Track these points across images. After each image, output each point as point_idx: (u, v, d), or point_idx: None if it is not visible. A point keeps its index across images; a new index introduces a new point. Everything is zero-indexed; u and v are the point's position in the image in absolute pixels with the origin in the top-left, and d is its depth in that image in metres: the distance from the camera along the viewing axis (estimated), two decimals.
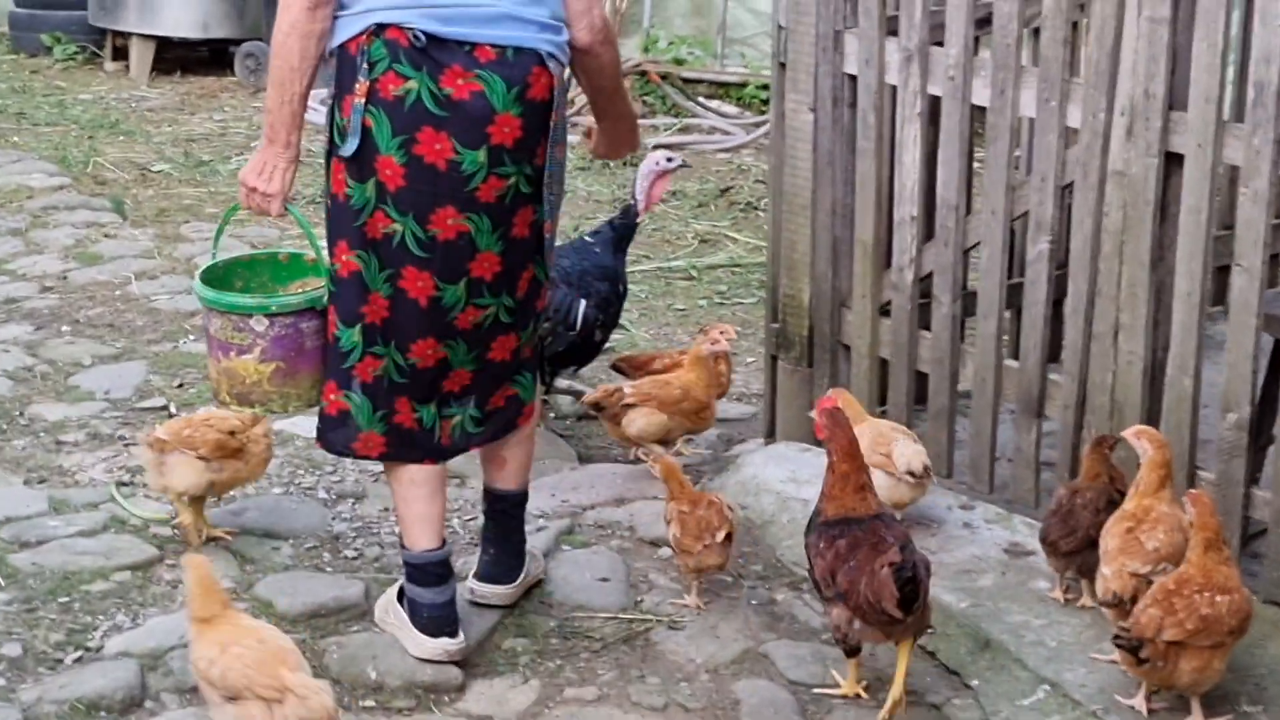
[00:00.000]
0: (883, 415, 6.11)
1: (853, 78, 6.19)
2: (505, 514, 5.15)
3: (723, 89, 13.04)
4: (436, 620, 4.83)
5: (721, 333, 6.30)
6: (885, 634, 4.63)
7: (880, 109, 6.10)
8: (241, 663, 4.16)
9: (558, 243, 5.14)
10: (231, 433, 5.45)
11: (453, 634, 4.85)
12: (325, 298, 4.74)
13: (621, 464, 6.62)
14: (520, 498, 5.15)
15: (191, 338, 7.94)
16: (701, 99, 12.83)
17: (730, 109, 12.96)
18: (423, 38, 4.41)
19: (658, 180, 6.41)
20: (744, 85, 12.90)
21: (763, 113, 12.72)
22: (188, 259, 9.16)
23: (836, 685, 4.95)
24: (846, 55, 6.17)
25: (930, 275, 6.09)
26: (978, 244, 5.97)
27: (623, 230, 6.49)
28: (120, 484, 6.33)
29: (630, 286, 6.89)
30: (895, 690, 4.68)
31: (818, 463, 5.24)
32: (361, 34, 4.43)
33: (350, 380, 4.73)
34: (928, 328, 6.12)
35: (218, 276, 5.00)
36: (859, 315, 6.29)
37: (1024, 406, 5.83)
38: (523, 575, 5.23)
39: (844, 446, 4.76)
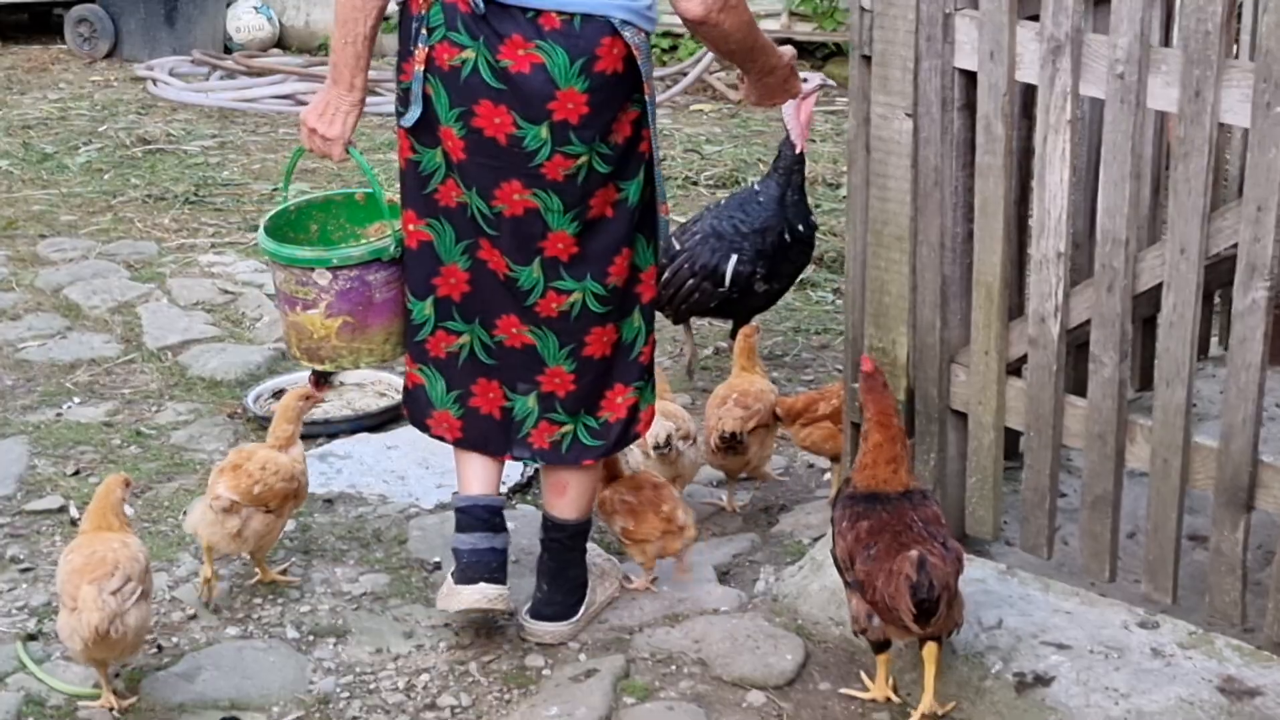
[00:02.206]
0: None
1: (969, 74, 4.67)
2: (562, 545, 4.65)
3: None
4: (475, 566, 4.48)
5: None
6: (908, 632, 4.22)
7: (1010, 115, 4.58)
8: (62, 571, 4.22)
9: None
10: (292, 477, 4.80)
11: (492, 579, 4.50)
12: (393, 247, 4.44)
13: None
14: (582, 527, 4.67)
15: (77, 400, 6.20)
16: None
17: None
18: (482, 4, 4.07)
19: (801, 105, 6.00)
20: None
21: (663, 63, 11.14)
22: (55, 289, 7.37)
23: (864, 688, 4.50)
24: (960, 45, 4.65)
25: (1079, 327, 4.58)
26: (1150, 289, 4.47)
27: (785, 171, 6.19)
28: (28, 637, 4.67)
29: None
30: (925, 701, 4.29)
31: None
32: None
33: (424, 354, 4.49)
34: (1077, 392, 4.61)
35: (289, 221, 4.66)
36: (979, 375, 4.79)
37: (1227, 497, 4.39)
38: (583, 609, 4.72)
39: (879, 413, 4.41)
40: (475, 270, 4.34)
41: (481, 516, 4.54)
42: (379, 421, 6.13)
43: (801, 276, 6.83)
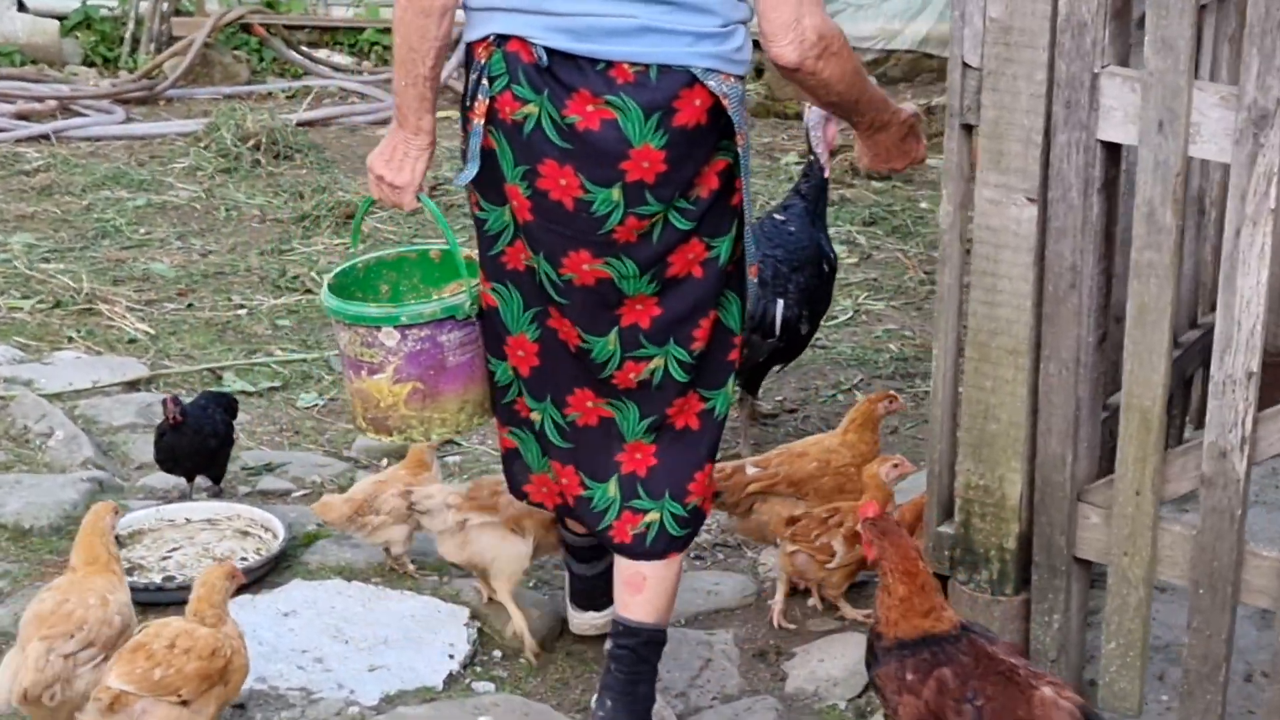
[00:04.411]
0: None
1: (1113, 149, 3.56)
2: (634, 654, 3.99)
3: (329, 35, 9.95)
4: (585, 593, 4.44)
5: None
6: None
7: (1183, 201, 3.50)
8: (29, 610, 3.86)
9: None
10: (214, 653, 3.79)
11: (597, 608, 4.42)
12: (468, 304, 3.88)
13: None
14: (658, 636, 4.03)
15: None
16: (304, 48, 9.73)
17: (342, 59, 9.93)
18: (544, 55, 3.56)
19: (828, 125, 5.28)
20: (360, 30, 9.84)
21: (385, 61, 9.77)
22: None
23: None
24: (1108, 113, 3.55)
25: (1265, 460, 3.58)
26: None
27: (813, 194, 5.42)
28: None
29: None
30: None
31: None
32: (484, 40, 3.63)
33: (514, 415, 4.01)
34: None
35: (356, 279, 4.13)
36: (1125, 520, 3.75)
37: None
38: None
39: (904, 562, 3.56)
40: (545, 341, 3.85)
41: (583, 551, 4.37)
42: (256, 578, 4.71)
43: None
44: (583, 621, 4.52)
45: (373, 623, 4.57)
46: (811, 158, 5.41)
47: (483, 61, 3.65)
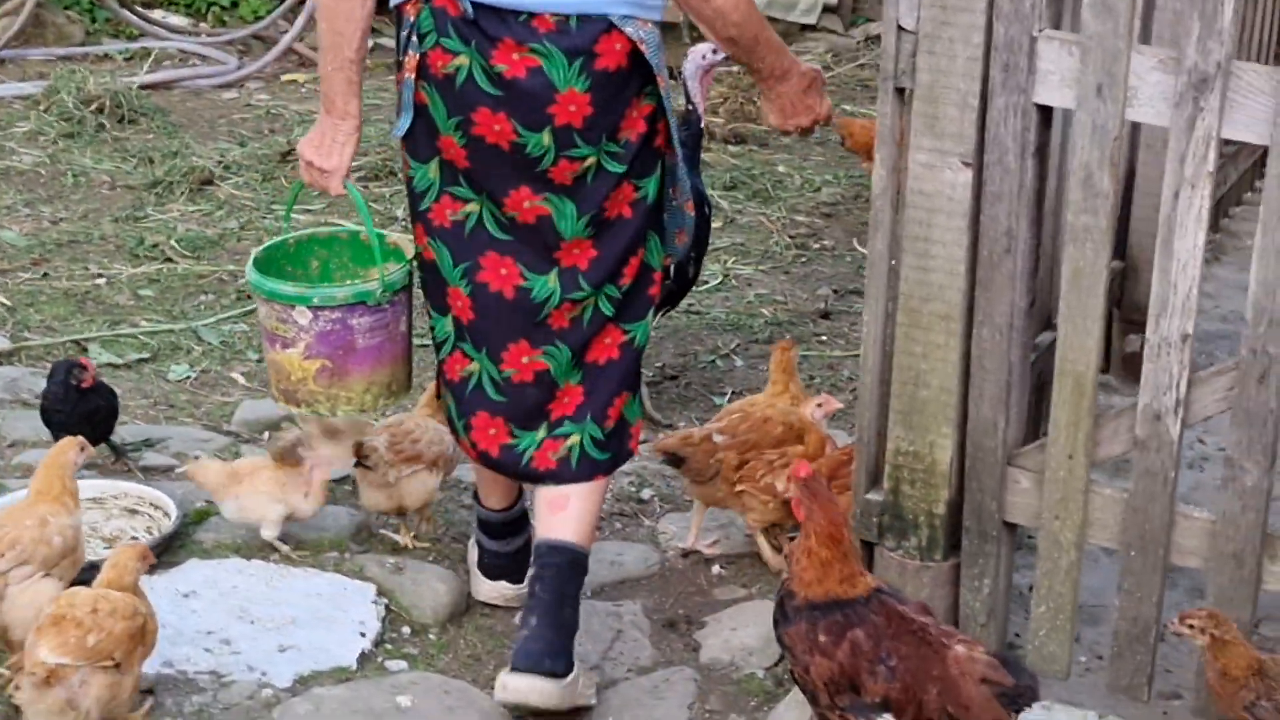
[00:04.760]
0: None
1: (1046, 112, 3.56)
2: (559, 574, 4.02)
3: None
4: (498, 566, 4.47)
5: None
6: None
7: (1119, 165, 3.50)
8: None
9: None
10: (135, 613, 3.75)
11: (513, 580, 4.44)
12: (379, 291, 4.05)
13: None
14: (580, 557, 4.08)
15: None
16: (139, 8, 9.44)
17: (178, 20, 9.66)
18: (470, 8, 3.68)
19: (705, 77, 5.26)
20: None
21: (223, 22, 9.53)
22: None
23: None
24: (1044, 76, 3.54)
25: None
26: None
27: (691, 143, 5.17)
28: None
29: None
30: None
31: None
32: None
33: (442, 375, 4.15)
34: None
35: (286, 255, 4.28)
36: (1058, 484, 3.76)
37: None
38: (573, 674, 3.99)
39: (826, 529, 3.52)
40: (476, 295, 3.97)
41: (498, 528, 4.40)
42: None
43: None
44: (493, 590, 4.48)
45: (279, 602, 4.43)
46: (689, 108, 5.38)
47: (411, 19, 3.77)
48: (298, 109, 8.36)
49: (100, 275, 6.50)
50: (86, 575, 3.99)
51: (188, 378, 5.82)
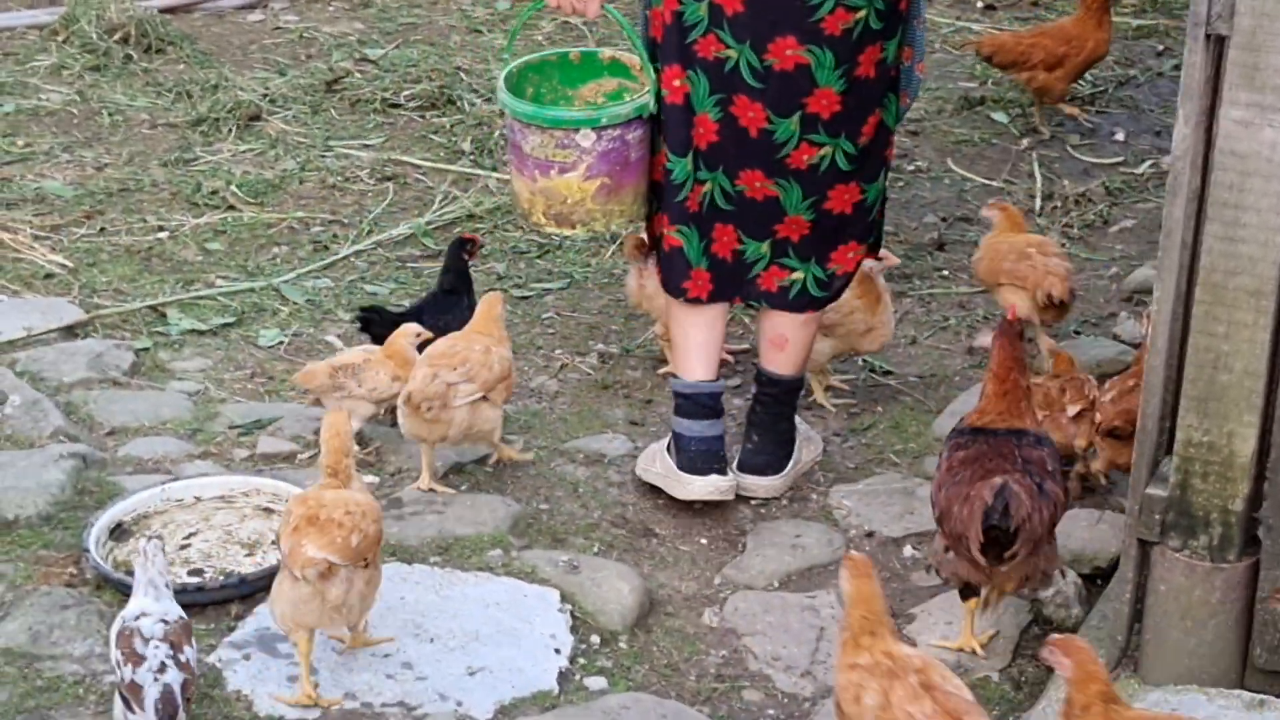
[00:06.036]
0: None
1: None
2: (776, 400, 4.50)
3: None
4: (705, 455, 4.37)
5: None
6: (980, 575, 3.80)
7: None
8: None
9: None
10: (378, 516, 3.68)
11: (722, 471, 4.40)
12: (652, 103, 4.24)
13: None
14: (796, 384, 4.55)
15: None
16: None
17: None
18: None
19: None
20: None
21: None
22: None
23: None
24: None
25: None
26: None
27: None
28: None
29: None
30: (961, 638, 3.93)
31: None
32: None
33: (684, 212, 4.31)
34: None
35: (511, 85, 4.37)
36: None
37: None
38: (791, 464, 4.55)
39: (1000, 365, 3.97)
40: (724, 123, 4.22)
41: (705, 403, 4.41)
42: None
43: None
44: (706, 485, 4.38)
45: (455, 614, 3.97)
46: None
47: None
48: (330, 31, 7.72)
49: (161, 228, 5.92)
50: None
51: (280, 343, 5.28)
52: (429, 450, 4.36)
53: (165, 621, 3.44)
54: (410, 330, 4.54)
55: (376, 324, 4.74)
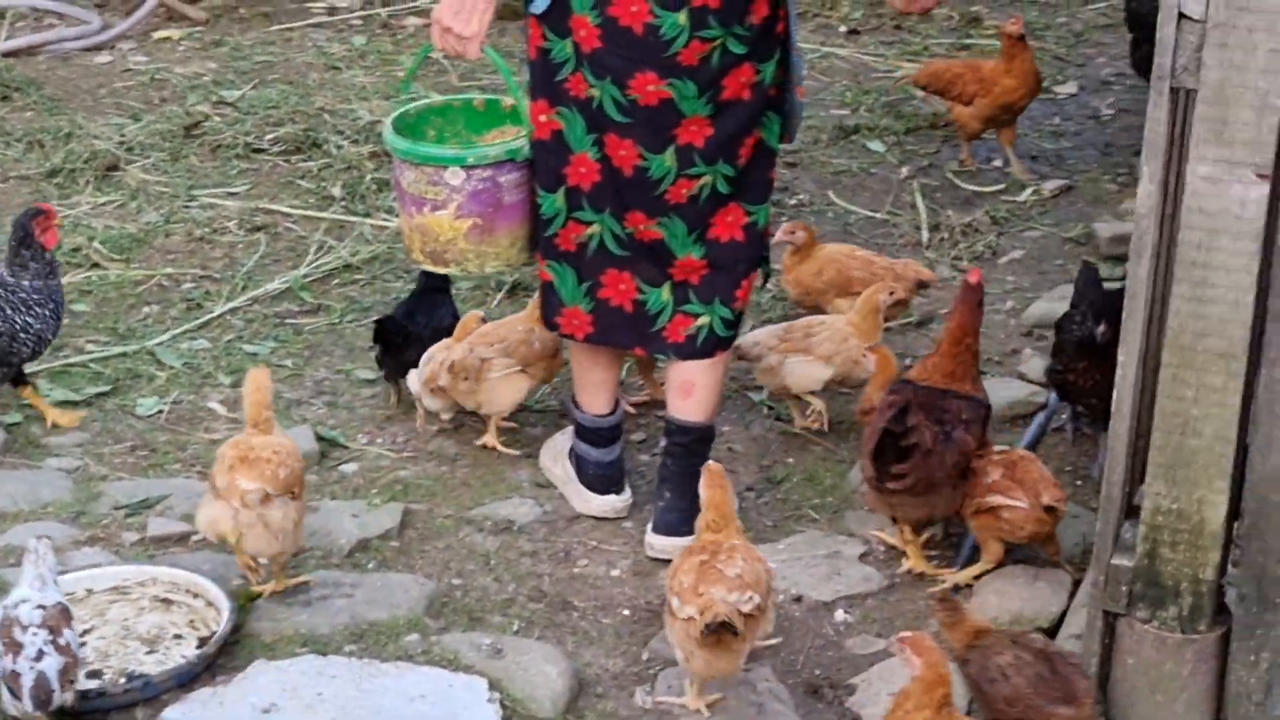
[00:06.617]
0: None
1: None
2: (687, 450, 4.39)
3: None
4: (604, 479, 4.53)
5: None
6: (882, 503, 4.17)
7: None
8: None
9: None
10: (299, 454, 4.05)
11: (619, 490, 4.54)
12: (526, 148, 4.27)
13: None
14: (708, 432, 4.46)
15: None
16: None
17: None
18: None
19: None
20: None
21: None
22: None
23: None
24: None
25: None
26: None
27: None
28: None
29: None
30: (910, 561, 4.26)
31: None
32: None
33: (554, 249, 4.31)
34: None
35: (409, 124, 4.46)
36: None
37: None
38: None
39: (958, 328, 4.21)
40: (604, 161, 4.17)
41: (604, 434, 4.50)
42: (208, 664, 3.75)
43: None
44: (604, 504, 4.52)
45: (378, 710, 3.71)
46: None
47: None
48: (182, 72, 7.39)
49: None
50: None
51: (160, 411, 4.97)
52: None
53: (43, 607, 3.54)
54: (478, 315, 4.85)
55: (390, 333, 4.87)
